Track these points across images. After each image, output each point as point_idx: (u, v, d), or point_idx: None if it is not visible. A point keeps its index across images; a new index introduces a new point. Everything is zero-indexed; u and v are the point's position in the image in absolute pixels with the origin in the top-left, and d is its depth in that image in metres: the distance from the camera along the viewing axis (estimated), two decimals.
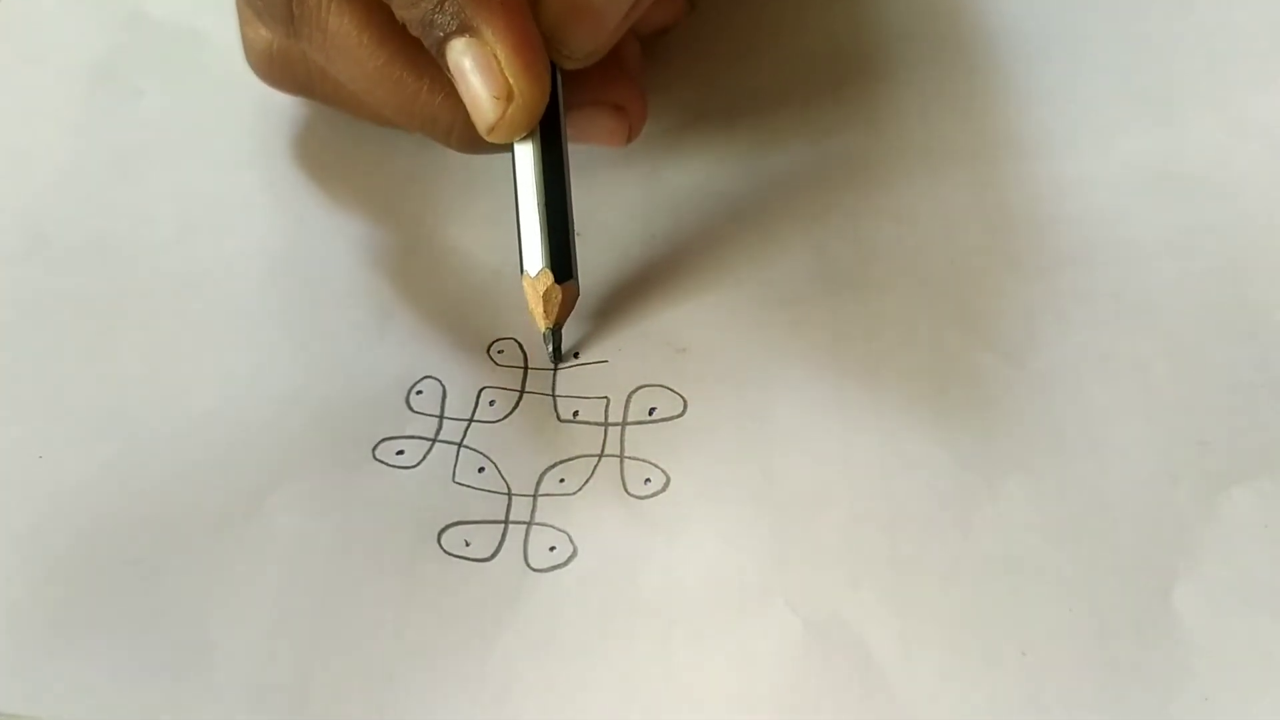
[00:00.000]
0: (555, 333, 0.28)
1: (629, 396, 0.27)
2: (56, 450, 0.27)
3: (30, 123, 0.34)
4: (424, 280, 0.30)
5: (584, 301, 0.28)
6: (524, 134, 0.27)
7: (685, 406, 0.27)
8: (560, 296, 0.27)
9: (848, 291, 0.28)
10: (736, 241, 0.30)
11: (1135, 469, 0.25)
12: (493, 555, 0.25)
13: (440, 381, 0.28)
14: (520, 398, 0.27)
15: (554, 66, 0.27)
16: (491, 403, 0.27)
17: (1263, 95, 0.32)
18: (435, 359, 0.28)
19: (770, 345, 0.27)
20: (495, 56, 0.26)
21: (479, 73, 0.26)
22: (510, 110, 0.26)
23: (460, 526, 0.25)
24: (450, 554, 0.25)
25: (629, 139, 0.30)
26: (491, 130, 0.26)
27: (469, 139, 0.28)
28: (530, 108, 0.26)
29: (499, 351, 0.28)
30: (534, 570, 0.24)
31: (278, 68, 0.31)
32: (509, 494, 0.26)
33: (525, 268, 0.27)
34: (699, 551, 0.24)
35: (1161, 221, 0.29)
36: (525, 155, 0.27)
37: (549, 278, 0.27)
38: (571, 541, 0.25)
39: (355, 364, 0.28)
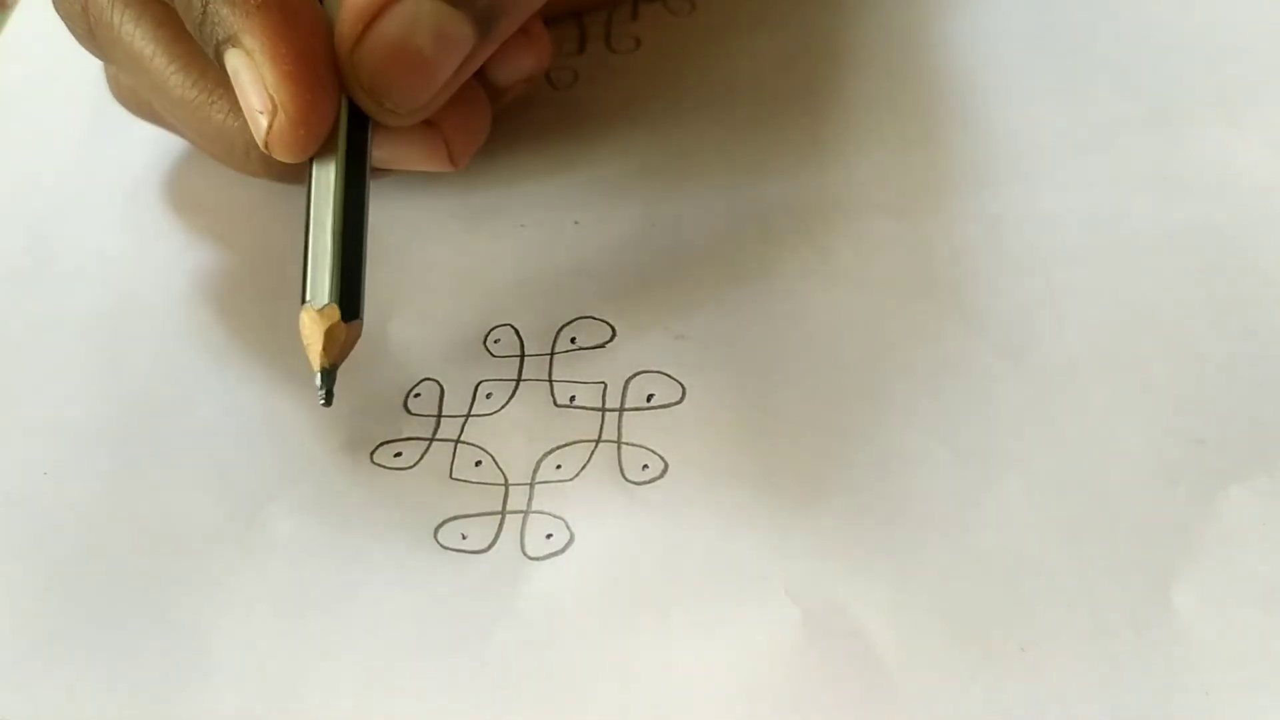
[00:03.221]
0: (330, 374, 0.25)
1: (627, 382, 0.27)
2: (61, 465, 0.27)
3: (37, 140, 0.35)
4: (420, 277, 0.30)
5: (581, 288, 0.28)
6: (305, 153, 0.25)
7: (684, 393, 0.27)
8: (345, 336, 0.25)
9: (847, 286, 0.28)
10: (736, 233, 0.30)
11: (1133, 467, 0.25)
12: (489, 546, 0.25)
13: (438, 382, 0.28)
14: (517, 386, 0.27)
15: None
16: (489, 395, 0.27)
17: (1263, 93, 0.32)
18: (433, 359, 0.28)
19: (769, 336, 0.27)
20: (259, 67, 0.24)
21: (247, 84, 0.25)
22: (277, 125, 0.25)
23: (457, 521, 0.25)
24: (447, 548, 0.25)
25: (453, 162, 0.28)
26: (266, 147, 0.25)
27: (265, 161, 0.26)
28: (299, 122, 0.25)
29: (495, 341, 0.28)
30: (531, 559, 0.24)
31: (124, 92, 0.30)
32: (506, 484, 0.26)
33: (308, 299, 0.25)
34: (698, 538, 0.24)
35: (1161, 219, 0.29)
36: (323, 176, 0.26)
37: (335, 314, 0.25)
38: (569, 528, 0.25)
39: (354, 372, 0.28)
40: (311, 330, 0.25)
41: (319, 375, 0.25)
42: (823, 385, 0.26)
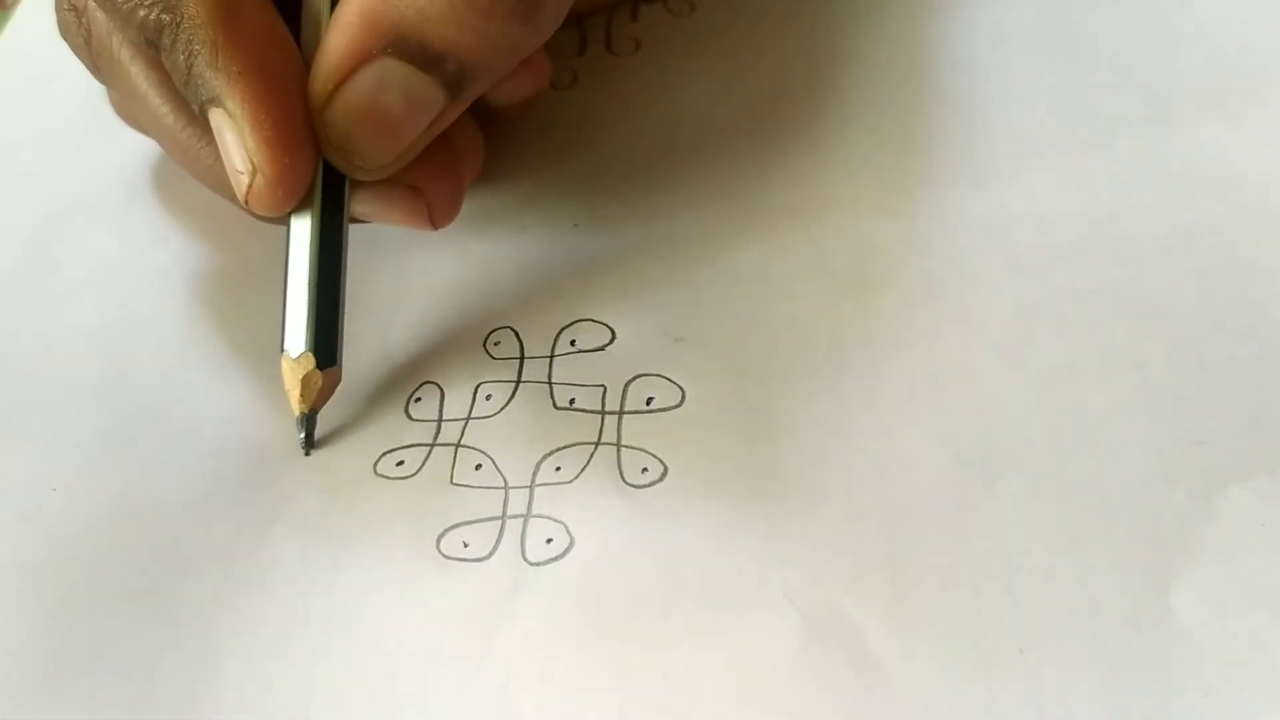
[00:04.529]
0: (310, 418, 0.27)
1: (626, 385, 0.27)
2: (69, 483, 0.27)
3: (38, 146, 0.35)
4: (420, 279, 0.30)
5: (581, 291, 0.28)
6: (283, 210, 0.26)
7: (683, 397, 0.27)
8: (321, 383, 0.26)
9: (846, 288, 0.28)
10: (736, 235, 0.30)
11: (1133, 468, 0.25)
12: (490, 554, 0.25)
13: (438, 385, 0.28)
14: (516, 388, 0.27)
15: None
16: (488, 397, 0.27)
17: (1263, 93, 0.31)
18: (433, 362, 0.28)
19: (769, 339, 0.27)
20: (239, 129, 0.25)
21: (229, 144, 0.25)
22: (256, 185, 0.25)
23: (458, 529, 0.25)
24: (449, 557, 0.25)
25: (433, 225, 0.28)
26: (247, 203, 0.26)
27: None
28: (276, 184, 0.25)
29: (495, 344, 0.28)
30: (531, 564, 0.24)
31: (124, 111, 0.31)
32: (505, 488, 0.26)
33: (286, 347, 0.27)
34: (697, 542, 0.24)
35: (1160, 219, 0.29)
36: (300, 230, 0.27)
37: (310, 362, 0.26)
38: (568, 532, 0.25)
39: (356, 380, 0.28)
40: (290, 377, 0.27)
41: (297, 421, 0.27)
42: (822, 387, 0.26)
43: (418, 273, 0.30)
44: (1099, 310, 0.27)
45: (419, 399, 0.28)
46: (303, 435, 0.27)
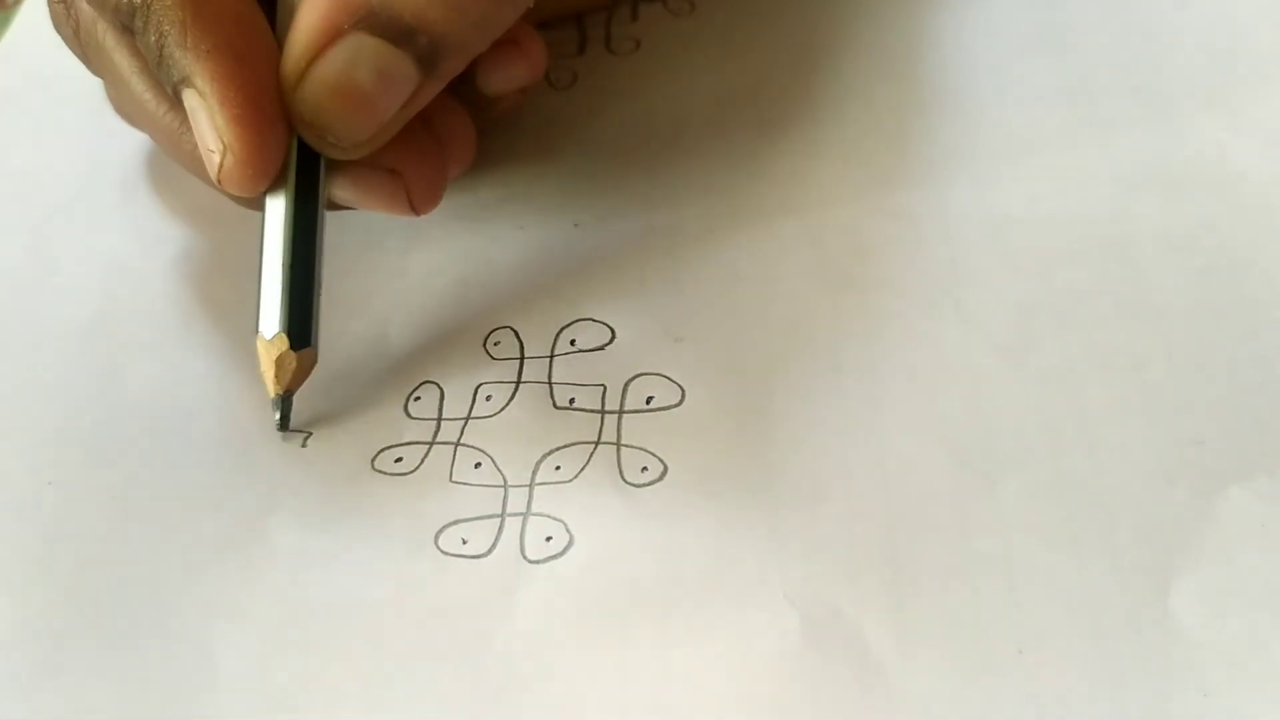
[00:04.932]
0: (285, 399, 0.27)
1: (626, 384, 0.27)
2: (65, 476, 0.27)
3: (37, 144, 0.35)
4: (420, 279, 0.30)
5: (581, 290, 0.28)
6: (255, 189, 0.26)
7: (683, 396, 0.27)
8: (295, 364, 0.26)
9: (846, 288, 0.28)
10: (736, 235, 0.30)
11: (1132, 468, 0.25)
12: (489, 551, 0.25)
13: (438, 384, 0.28)
14: (516, 389, 0.27)
15: None
16: (488, 398, 0.27)
17: (1262, 91, 0.31)
18: (432, 362, 0.28)
19: (769, 339, 0.27)
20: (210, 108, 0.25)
21: (201, 124, 0.25)
22: (226, 164, 0.25)
23: (457, 525, 0.25)
24: (447, 554, 0.25)
25: (413, 210, 0.28)
26: (220, 182, 0.26)
27: None
28: (247, 163, 0.25)
29: (495, 344, 0.28)
30: (530, 562, 0.24)
31: (118, 104, 0.31)
32: (505, 486, 0.26)
33: (260, 329, 0.27)
34: (697, 541, 0.24)
35: (1160, 219, 0.29)
36: (275, 210, 0.27)
37: (284, 343, 0.26)
38: (568, 530, 0.25)
39: (355, 379, 0.28)
40: (265, 359, 0.27)
41: (273, 403, 0.27)
42: (821, 388, 0.26)
43: (417, 272, 0.30)
44: (1098, 310, 0.27)
45: (418, 398, 0.28)
46: (278, 416, 0.27)
